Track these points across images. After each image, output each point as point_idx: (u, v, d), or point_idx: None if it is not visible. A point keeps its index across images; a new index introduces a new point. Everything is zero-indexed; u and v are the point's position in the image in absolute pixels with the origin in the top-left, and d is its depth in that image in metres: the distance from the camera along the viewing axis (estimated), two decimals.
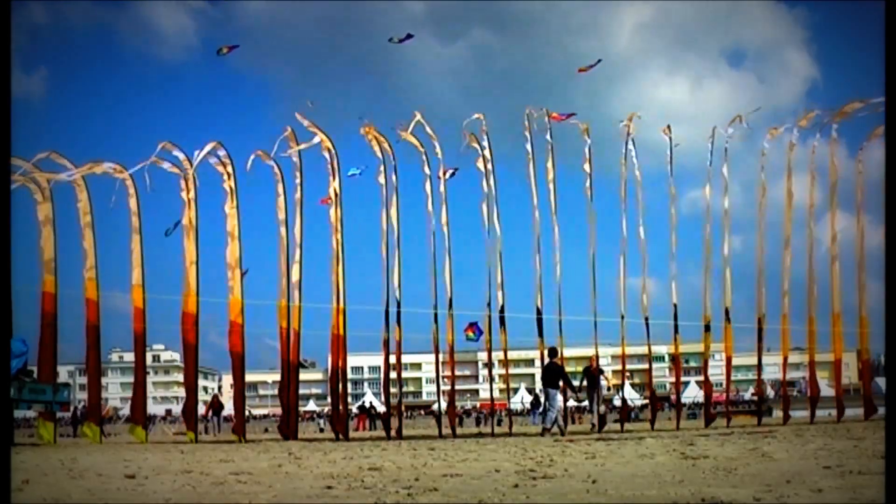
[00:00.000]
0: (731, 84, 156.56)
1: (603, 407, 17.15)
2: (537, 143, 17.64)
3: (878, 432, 10.25)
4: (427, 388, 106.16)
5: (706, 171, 18.53)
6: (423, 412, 64.35)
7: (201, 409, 26.77)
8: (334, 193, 16.63)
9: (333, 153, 16.74)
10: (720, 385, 25.77)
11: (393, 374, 18.20)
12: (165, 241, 15.94)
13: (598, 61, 20.91)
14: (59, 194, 15.63)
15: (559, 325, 16.83)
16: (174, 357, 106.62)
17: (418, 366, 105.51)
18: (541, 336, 16.81)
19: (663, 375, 72.34)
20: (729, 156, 18.46)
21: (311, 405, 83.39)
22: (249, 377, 21.75)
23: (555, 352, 16.12)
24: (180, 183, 15.81)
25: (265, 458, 8.61)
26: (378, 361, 22.40)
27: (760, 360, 19.07)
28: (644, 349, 17.93)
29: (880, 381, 35.77)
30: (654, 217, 18.86)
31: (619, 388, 24.51)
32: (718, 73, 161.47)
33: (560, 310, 16.85)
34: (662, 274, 19.47)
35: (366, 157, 17.15)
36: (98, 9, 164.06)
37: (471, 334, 17.50)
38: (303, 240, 16.20)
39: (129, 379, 20.22)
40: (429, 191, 16.87)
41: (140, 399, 16.13)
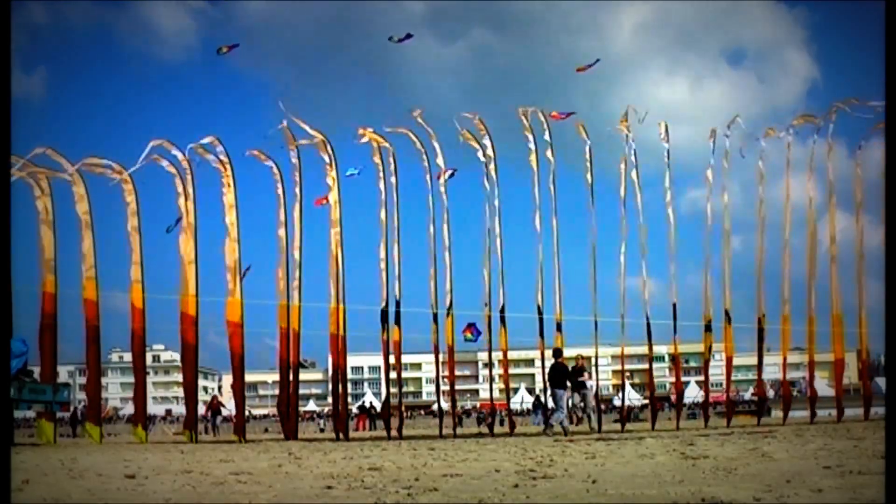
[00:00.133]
0: (731, 84, 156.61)
1: (592, 402, 17.05)
2: (536, 143, 17.64)
3: (878, 432, 10.25)
4: (427, 388, 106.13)
5: (706, 171, 18.55)
6: (422, 412, 64.31)
7: (201, 409, 26.76)
8: (334, 192, 16.61)
9: (332, 154, 16.72)
10: (720, 385, 25.77)
11: (393, 374, 18.17)
12: (164, 240, 15.93)
13: (597, 61, 20.97)
14: (59, 194, 15.66)
15: (558, 325, 16.83)
16: (174, 357, 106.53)
17: (418, 366, 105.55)
18: (541, 336, 16.80)
19: (663, 375, 72.32)
20: (729, 156, 18.48)
21: (311, 405, 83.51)
22: (249, 377, 21.73)
23: (560, 352, 16.16)
24: (176, 182, 15.79)
25: (265, 458, 8.61)
26: (378, 361, 22.38)
27: (761, 360, 19.05)
28: (644, 349, 17.93)
29: (880, 381, 35.81)
30: (654, 217, 18.86)
31: (620, 388, 24.49)
32: (718, 72, 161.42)
33: (560, 310, 16.88)
34: (662, 274, 19.46)
35: (366, 157, 17.15)
36: (98, 9, 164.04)
37: (469, 335, 17.48)
38: (302, 240, 16.19)
39: (129, 379, 20.24)
40: (429, 184, 16.88)
41: (140, 399, 16.13)
